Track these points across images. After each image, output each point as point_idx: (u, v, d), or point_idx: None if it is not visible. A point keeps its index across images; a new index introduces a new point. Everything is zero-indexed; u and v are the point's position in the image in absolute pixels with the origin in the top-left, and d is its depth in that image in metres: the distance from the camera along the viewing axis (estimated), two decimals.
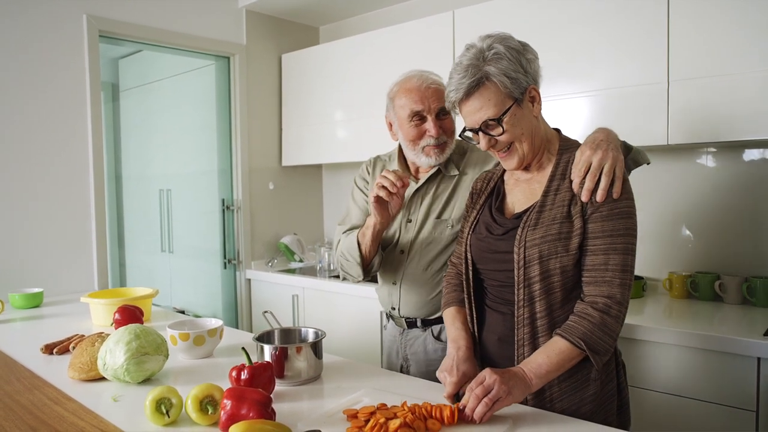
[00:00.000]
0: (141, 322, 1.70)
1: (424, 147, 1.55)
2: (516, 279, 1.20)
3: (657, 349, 1.80)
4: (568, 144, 1.28)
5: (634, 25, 2.08)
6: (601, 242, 1.15)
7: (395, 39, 2.83)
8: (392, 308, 1.65)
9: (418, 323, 1.62)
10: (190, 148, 3.61)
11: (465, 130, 1.26)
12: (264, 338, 1.40)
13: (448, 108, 1.27)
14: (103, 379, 1.34)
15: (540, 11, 2.31)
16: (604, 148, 1.18)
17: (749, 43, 1.85)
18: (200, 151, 3.48)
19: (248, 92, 3.28)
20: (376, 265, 1.61)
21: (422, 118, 1.53)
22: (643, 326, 1.81)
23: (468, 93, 1.19)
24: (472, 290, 1.32)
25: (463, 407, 1.06)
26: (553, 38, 2.26)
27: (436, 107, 1.52)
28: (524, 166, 1.28)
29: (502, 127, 1.19)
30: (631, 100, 2.09)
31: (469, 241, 1.33)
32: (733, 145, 2.15)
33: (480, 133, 1.22)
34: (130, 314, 1.70)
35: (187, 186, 3.60)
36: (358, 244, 1.56)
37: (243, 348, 1.26)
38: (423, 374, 1.55)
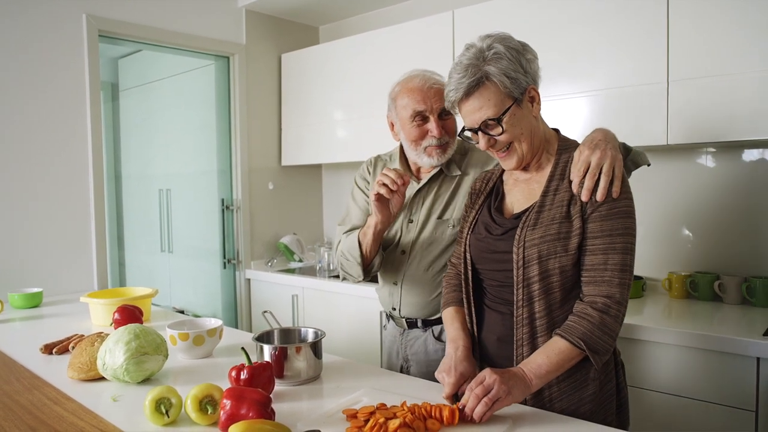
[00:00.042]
0: (140, 322, 1.70)
1: (426, 147, 1.54)
2: (515, 279, 1.21)
3: (656, 349, 1.80)
4: (566, 144, 1.28)
5: (633, 25, 2.08)
6: (600, 242, 1.15)
7: (395, 39, 2.83)
8: (393, 309, 1.65)
9: (419, 324, 1.61)
10: (189, 147, 3.61)
11: (464, 129, 1.26)
12: (263, 338, 1.40)
13: (448, 107, 1.27)
14: (102, 379, 1.34)
15: (540, 11, 2.31)
16: (602, 148, 1.18)
17: (749, 43, 1.85)
18: (200, 150, 3.48)
19: (248, 92, 3.28)
20: (377, 265, 1.61)
21: (425, 119, 1.52)
22: (642, 326, 1.81)
23: (468, 92, 1.19)
24: (471, 290, 1.32)
25: (463, 407, 1.06)
26: (553, 38, 2.26)
27: (438, 107, 1.51)
28: (523, 166, 1.28)
29: (502, 127, 1.19)
30: (631, 100, 2.09)
31: (468, 241, 1.33)
32: (732, 145, 2.15)
33: (479, 132, 1.22)
34: (129, 314, 1.70)
35: (187, 186, 3.60)
36: (359, 243, 1.55)
37: (242, 348, 1.26)
38: (424, 375, 1.55)
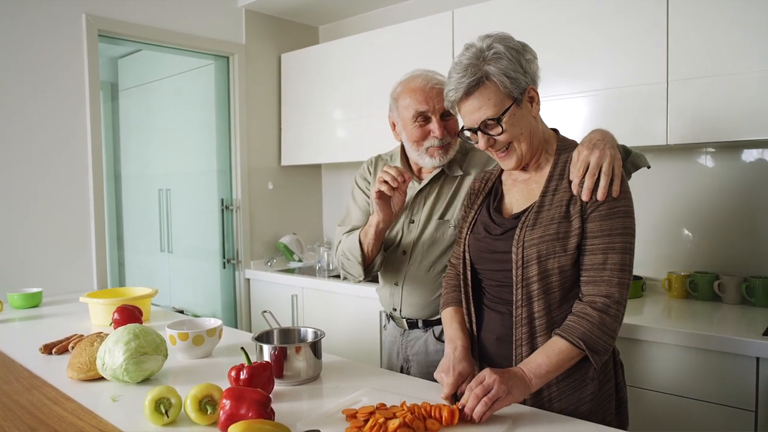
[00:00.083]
0: (140, 322, 1.70)
1: (428, 148, 1.53)
2: (514, 279, 1.21)
3: (656, 348, 1.80)
4: (565, 144, 1.28)
5: (633, 25, 2.08)
6: (599, 242, 1.15)
7: (395, 39, 2.83)
8: (393, 309, 1.64)
9: (420, 324, 1.61)
10: (189, 147, 3.61)
11: (463, 129, 1.26)
12: (263, 338, 1.40)
13: (447, 107, 1.26)
14: (102, 378, 1.34)
15: (539, 11, 2.31)
16: (601, 147, 1.18)
17: (749, 43, 1.85)
18: (199, 150, 3.48)
19: (247, 92, 3.28)
20: (378, 265, 1.60)
21: (426, 119, 1.52)
22: (642, 326, 1.81)
23: (467, 92, 1.19)
24: (471, 290, 1.32)
25: (463, 407, 1.06)
26: (552, 38, 2.26)
27: (440, 108, 1.50)
28: (522, 166, 1.28)
29: (501, 127, 1.19)
30: (631, 100, 2.09)
31: (467, 242, 1.33)
32: (732, 145, 2.15)
33: (479, 132, 1.22)
34: (129, 314, 1.70)
35: (187, 186, 3.60)
36: (360, 243, 1.55)
37: (242, 348, 1.26)
38: (424, 375, 1.54)
